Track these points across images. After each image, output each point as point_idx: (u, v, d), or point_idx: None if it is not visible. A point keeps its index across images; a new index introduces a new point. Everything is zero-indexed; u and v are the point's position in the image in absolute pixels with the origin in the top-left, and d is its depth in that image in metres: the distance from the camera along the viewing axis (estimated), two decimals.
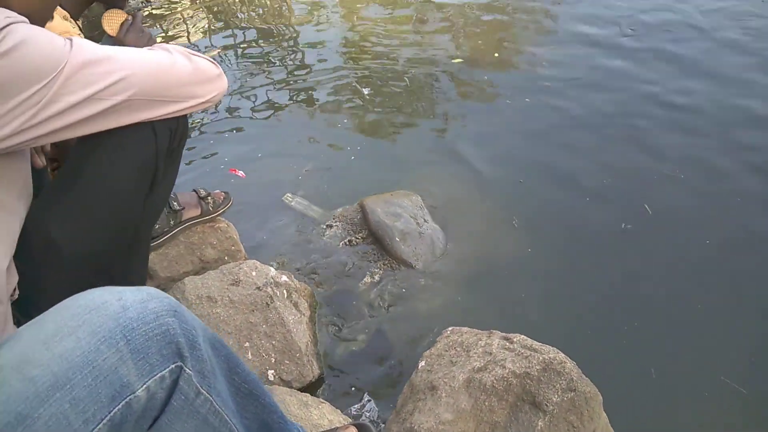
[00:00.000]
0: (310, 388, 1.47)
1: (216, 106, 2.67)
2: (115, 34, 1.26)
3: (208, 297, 1.49)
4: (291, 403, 1.25)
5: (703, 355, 1.59)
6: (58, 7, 1.19)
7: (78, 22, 1.34)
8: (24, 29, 0.78)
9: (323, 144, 2.44)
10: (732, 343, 1.62)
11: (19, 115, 0.80)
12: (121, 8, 1.29)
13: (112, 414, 0.62)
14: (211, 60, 1.10)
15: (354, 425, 1.06)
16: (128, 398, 0.63)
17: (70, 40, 0.86)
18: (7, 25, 0.76)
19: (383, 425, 1.37)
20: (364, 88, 2.76)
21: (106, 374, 0.62)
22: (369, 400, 1.46)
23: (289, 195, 2.09)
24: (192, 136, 2.49)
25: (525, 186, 2.17)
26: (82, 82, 0.85)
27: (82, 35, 1.30)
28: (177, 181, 1.66)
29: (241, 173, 1.82)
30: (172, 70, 0.98)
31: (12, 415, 0.56)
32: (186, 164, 2.28)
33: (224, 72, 1.13)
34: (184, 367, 0.69)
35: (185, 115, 1.10)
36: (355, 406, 1.45)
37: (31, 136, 0.83)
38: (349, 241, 1.91)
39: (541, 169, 2.25)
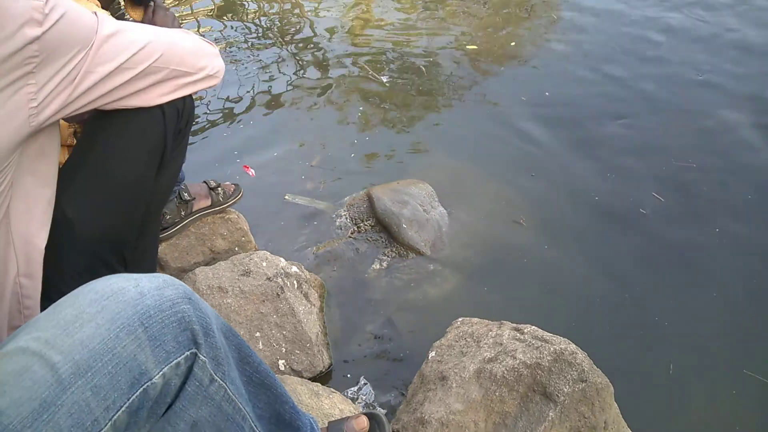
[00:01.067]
0: (321, 378, 1.48)
1: (218, 89, 2.67)
2: (140, 19, 1.29)
3: (219, 287, 1.50)
4: (302, 393, 1.26)
5: (720, 346, 1.57)
6: None
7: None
8: (63, 1, 0.82)
9: (334, 133, 2.43)
10: (753, 333, 1.60)
11: (62, 92, 0.83)
12: (148, 4, 1.34)
13: (130, 401, 0.63)
14: (207, 40, 1.14)
15: (365, 414, 1.06)
16: (146, 385, 0.64)
17: (95, 13, 0.90)
18: None
19: (380, 409, 1.38)
20: (383, 75, 2.75)
21: (125, 361, 0.62)
22: (365, 384, 1.46)
23: (288, 195, 2.08)
24: (204, 128, 2.49)
25: (536, 178, 2.15)
26: (112, 52, 0.89)
27: None
28: (187, 173, 1.68)
29: (251, 172, 1.82)
30: (182, 41, 1.03)
31: (37, 401, 0.57)
32: (196, 156, 2.29)
33: (231, 63, 1.16)
34: (199, 354, 0.69)
35: (191, 96, 1.13)
36: (352, 389, 1.46)
37: (71, 109, 0.87)
38: (357, 228, 1.91)
39: (552, 162, 2.22)
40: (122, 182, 1.05)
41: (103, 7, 1.29)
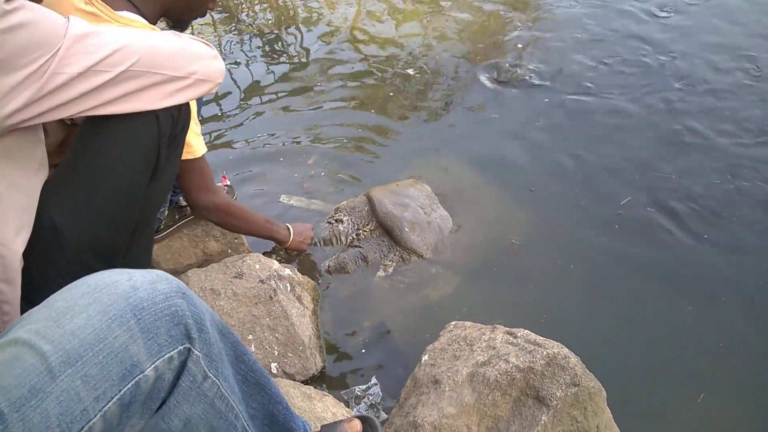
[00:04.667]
0: (314, 381, 1.47)
1: (217, 95, 2.66)
2: None
3: (212, 290, 1.49)
4: (294, 396, 1.26)
5: (713, 349, 1.58)
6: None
7: None
8: (29, 5, 0.80)
9: (330, 132, 2.44)
10: (750, 338, 1.61)
11: (26, 89, 0.81)
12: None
13: (122, 393, 0.63)
14: (205, 42, 1.10)
15: (358, 418, 1.06)
16: (138, 377, 0.64)
17: (68, 17, 0.88)
18: None
19: (384, 414, 1.38)
20: (410, 69, 2.78)
21: (116, 352, 0.62)
22: (375, 384, 1.45)
23: (284, 196, 2.08)
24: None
25: (534, 184, 2.15)
26: (82, 53, 0.87)
27: None
28: None
29: (227, 183, 1.82)
30: (165, 44, 0.99)
31: (26, 388, 0.57)
32: None
33: (227, 61, 1.12)
34: (193, 349, 0.69)
35: (187, 103, 1.09)
36: (361, 387, 1.45)
37: (39, 111, 0.85)
38: (357, 234, 1.90)
39: (551, 165, 2.23)
40: (113, 189, 1.03)
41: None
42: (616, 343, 1.61)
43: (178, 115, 1.08)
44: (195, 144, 1.35)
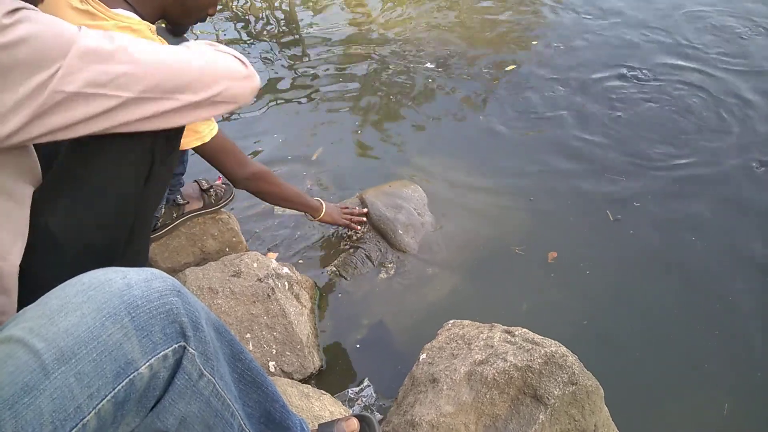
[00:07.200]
0: (312, 380, 1.47)
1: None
2: None
3: (210, 288, 1.49)
4: (292, 395, 1.26)
5: (712, 349, 1.58)
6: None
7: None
8: (34, 17, 0.74)
9: (330, 132, 2.44)
10: (744, 335, 1.62)
11: (27, 106, 0.74)
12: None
13: (116, 391, 0.63)
14: (240, 57, 0.97)
15: (355, 416, 1.06)
16: (132, 375, 0.64)
17: (79, 27, 0.80)
18: (20, 9, 0.72)
19: (379, 414, 1.38)
20: (429, 63, 2.80)
21: (111, 350, 0.62)
22: (368, 386, 1.46)
23: (278, 208, 2.07)
24: None
25: (530, 184, 2.15)
26: (93, 71, 0.78)
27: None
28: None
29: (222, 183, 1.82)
30: (187, 62, 0.88)
31: (18, 386, 0.57)
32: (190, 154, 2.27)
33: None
34: (188, 347, 0.69)
35: None
36: (354, 389, 1.45)
37: (43, 129, 0.78)
38: (348, 237, 1.90)
39: (547, 169, 2.23)
40: (107, 192, 1.01)
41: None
42: (613, 341, 1.61)
43: None
44: (203, 129, 1.36)
